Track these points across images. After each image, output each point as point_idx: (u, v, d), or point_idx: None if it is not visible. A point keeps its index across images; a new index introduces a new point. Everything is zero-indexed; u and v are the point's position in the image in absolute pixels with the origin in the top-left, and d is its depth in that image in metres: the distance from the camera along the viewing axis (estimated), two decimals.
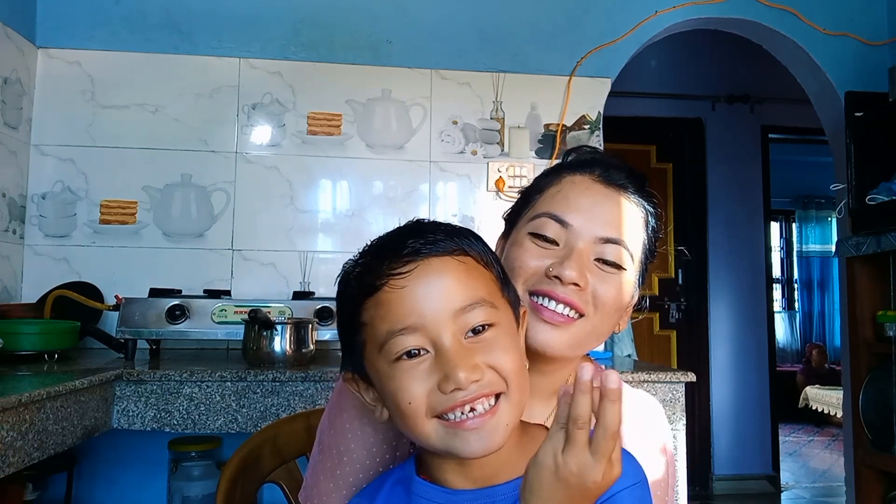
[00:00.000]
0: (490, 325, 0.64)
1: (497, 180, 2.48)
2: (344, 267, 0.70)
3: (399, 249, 0.64)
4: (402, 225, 0.69)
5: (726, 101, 4.22)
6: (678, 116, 4.23)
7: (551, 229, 0.79)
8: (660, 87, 4.15)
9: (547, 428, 0.71)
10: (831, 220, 7.28)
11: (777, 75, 3.28)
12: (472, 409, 0.61)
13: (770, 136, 4.37)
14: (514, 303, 0.70)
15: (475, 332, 0.63)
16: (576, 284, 0.76)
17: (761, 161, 4.32)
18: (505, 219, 0.89)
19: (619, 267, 0.79)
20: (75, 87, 2.35)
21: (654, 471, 0.81)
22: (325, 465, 0.81)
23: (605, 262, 0.78)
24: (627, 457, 0.64)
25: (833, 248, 2.90)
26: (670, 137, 4.27)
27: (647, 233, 0.83)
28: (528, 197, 0.85)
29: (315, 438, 0.85)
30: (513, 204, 0.88)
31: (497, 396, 0.63)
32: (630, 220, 0.81)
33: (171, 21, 2.42)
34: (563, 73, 2.57)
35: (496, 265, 0.69)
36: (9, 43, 2.17)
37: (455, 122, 2.52)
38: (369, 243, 0.69)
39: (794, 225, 7.63)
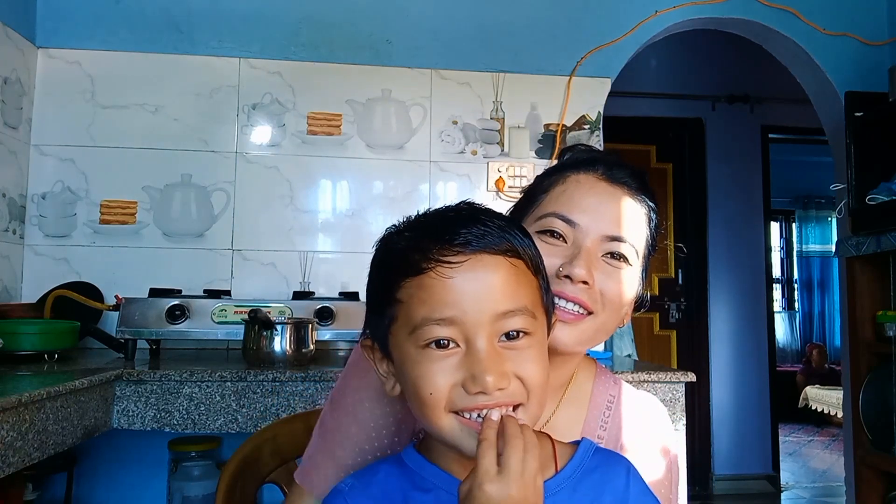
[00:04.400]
0: (526, 334, 0.64)
1: (497, 180, 2.48)
2: (387, 231, 0.69)
3: (451, 236, 0.63)
4: (454, 206, 0.68)
5: (726, 101, 4.22)
6: (678, 116, 4.23)
7: (558, 228, 0.81)
8: (660, 87, 4.15)
9: (548, 435, 0.72)
10: (831, 220, 7.27)
11: (777, 75, 3.28)
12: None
13: (770, 136, 4.37)
14: (550, 310, 0.70)
15: (509, 336, 0.63)
16: (585, 283, 0.78)
17: (761, 161, 4.32)
18: None
19: (625, 262, 0.81)
20: (75, 87, 2.35)
21: (653, 472, 0.82)
22: (325, 447, 0.82)
23: (612, 257, 0.81)
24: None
25: (833, 248, 2.90)
26: (670, 137, 4.27)
27: (650, 229, 0.85)
28: (533, 196, 0.86)
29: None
30: (515, 203, 0.89)
31: (515, 407, 0.63)
32: (634, 217, 0.83)
33: (171, 21, 2.42)
34: (563, 73, 2.57)
35: (543, 272, 0.69)
36: (9, 43, 2.17)
37: (455, 122, 2.51)
38: (417, 216, 0.68)
39: (794, 225, 7.63)
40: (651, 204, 0.85)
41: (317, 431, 0.85)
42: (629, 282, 0.82)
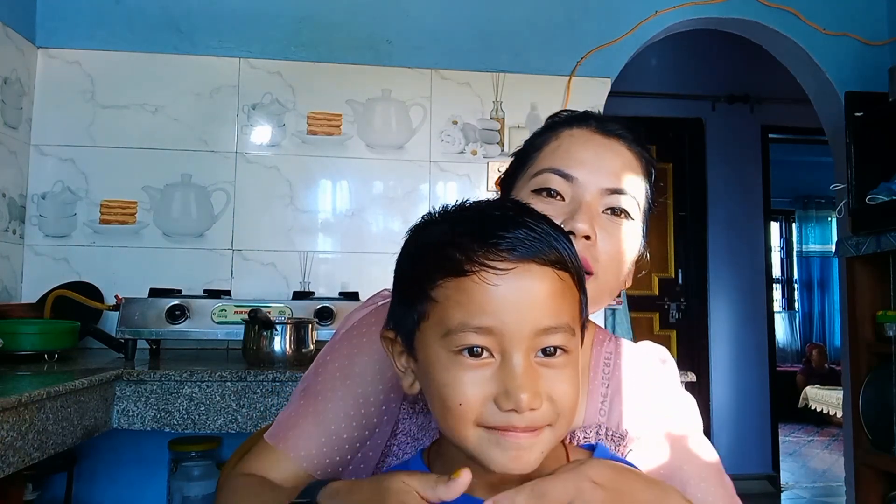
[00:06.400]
0: (564, 352, 0.60)
1: (497, 180, 2.48)
2: (422, 219, 0.65)
3: (498, 239, 0.58)
4: (497, 202, 0.64)
5: (726, 101, 4.22)
6: (678, 116, 4.23)
7: (555, 184, 0.78)
8: (660, 87, 4.15)
9: (562, 443, 0.68)
10: (831, 220, 7.27)
11: (777, 75, 3.28)
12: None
13: (770, 136, 4.37)
14: (584, 325, 0.67)
15: (546, 352, 0.60)
16: (587, 237, 0.75)
17: (761, 161, 4.32)
18: (500, 184, 0.87)
19: (627, 217, 0.79)
20: (75, 87, 2.35)
21: (650, 462, 0.78)
22: (309, 409, 0.79)
23: (613, 213, 0.78)
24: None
25: (833, 248, 2.90)
26: (670, 137, 4.27)
27: (649, 183, 0.83)
28: (525, 157, 0.84)
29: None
30: (506, 167, 0.86)
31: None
32: (633, 169, 0.81)
33: (171, 21, 2.42)
34: (563, 73, 2.57)
35: (584, 286, 0.66)
36: (9, 43, 2.17)
37: (455, 122, 2.51)
38: (456, 207, 0.64)
39: (794, 225, 7.62)
40: (647, 156, 0.83)
41: (298, 394, 0.81)
42: (631, 238, 0.79)
